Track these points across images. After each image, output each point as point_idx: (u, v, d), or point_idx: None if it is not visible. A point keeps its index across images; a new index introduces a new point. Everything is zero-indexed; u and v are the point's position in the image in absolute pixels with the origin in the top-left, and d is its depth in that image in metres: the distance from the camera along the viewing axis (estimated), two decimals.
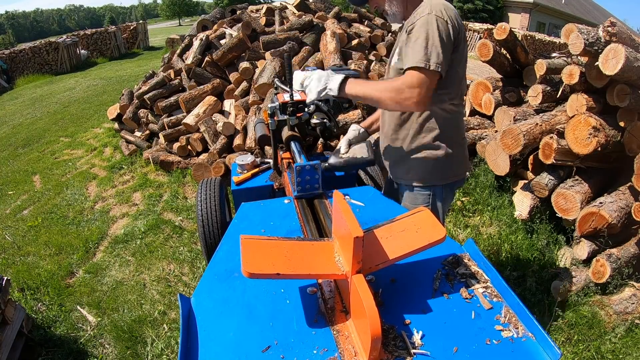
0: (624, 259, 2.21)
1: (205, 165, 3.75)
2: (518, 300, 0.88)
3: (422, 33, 1.26)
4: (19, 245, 3.28)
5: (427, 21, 1.26)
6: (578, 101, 2.59)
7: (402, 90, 1.27)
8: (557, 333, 2.07)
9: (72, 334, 2.29)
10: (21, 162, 5.20)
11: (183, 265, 2.81)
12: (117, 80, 9.89)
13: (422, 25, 1.27)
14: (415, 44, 1.27)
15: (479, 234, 2.91)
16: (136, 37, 17.04)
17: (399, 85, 1.28)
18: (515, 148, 2.65)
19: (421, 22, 1.27)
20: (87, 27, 35.07)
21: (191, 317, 0.91)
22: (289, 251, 0.88)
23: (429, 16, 1.26)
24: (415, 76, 1.26)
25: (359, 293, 0.75)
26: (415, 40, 1.27)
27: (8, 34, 69.19)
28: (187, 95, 4.39)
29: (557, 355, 0.77)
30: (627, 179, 2.37)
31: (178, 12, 50.19)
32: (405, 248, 0.90)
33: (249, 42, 4.47)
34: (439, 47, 1.25)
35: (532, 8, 19.67)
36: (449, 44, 1.29)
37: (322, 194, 1.46)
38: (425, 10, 1.29)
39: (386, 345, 0.80)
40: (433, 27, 1.26)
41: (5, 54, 12.30)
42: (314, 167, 1.45)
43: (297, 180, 1.46)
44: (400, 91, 1.27)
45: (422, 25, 1.27)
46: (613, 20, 2.33)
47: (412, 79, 1.26)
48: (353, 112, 3.51)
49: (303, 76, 1.46)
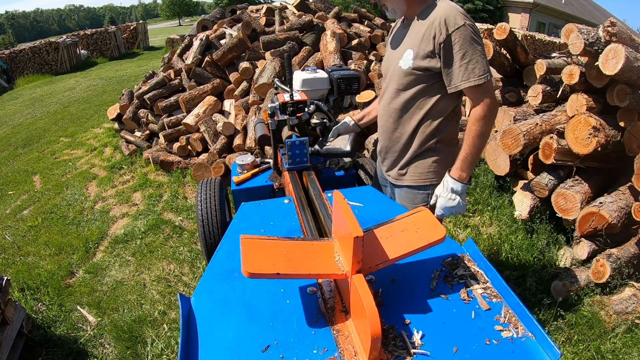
0: (624, 259, 2.21)
1: (205, 165, 3.75)
2: (518, 300, 0.88)
3: (468, 47, 1.29)
4: (19, 245, 3.28)
5: (467, 33, 1.28)
6: (578, 101, 2.59)
7: (486, 116, 1.33)
8: (557, 333, 2.07)
9: (72, 334, 2.29)
10: (21, 162, 5.20)
11: (183, 265, 2.81)
12: (117, 80, 9.90)
13: (464, 39, 1.29)
14: (467, 61, 1.30)
15: (479, 234, 2.91)
16: (136, 37, 17.04)
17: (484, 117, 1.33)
18: (515, 148, 2.65)
19: (462, 37, 1.28)
20: (87, 27, 35.11)
21: (191, 317, 0.91)
22: (289, 251, 0.88)
23: (466, 27, 1.29)
24: (481, 92, 1.32)
25: (359, 293, 0.75)
26: (463, 55, 1.30)
27: (8, 34, 69.25)
28: (187, 95, 4.39)
29: (557, 355, 0.77)
30: (627, 179, 2.37)
31: (178, 12, 50.18)
32: (405, 248, 0.90)
33: (249, 42, 4.47)
34: (484, 56, 1.32)
35: (532, 8, 19.67)
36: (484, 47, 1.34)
37: (310, 167, 1.73)
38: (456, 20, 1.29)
39: (386, 345, 0.80)
40: (475, 37, 1.30)
41: (5, 54, 12.30)
42: (302, 142, 1.68)
43: (288, 154, 1.69)
44: (487, 118, 1.33)
45: (464, 39, 1.29)
46: (613, 20, 2.33)
47: (483, 98, 1.32)
48: (353, 112, 3.51)
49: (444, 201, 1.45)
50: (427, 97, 1.44)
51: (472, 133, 1.35)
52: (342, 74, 2.01)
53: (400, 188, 1.63)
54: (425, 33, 1.34)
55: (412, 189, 1.58)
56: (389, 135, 1.59)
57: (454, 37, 1.28)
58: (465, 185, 1.40)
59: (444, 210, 1.43)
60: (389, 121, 1.57)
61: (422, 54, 1.36)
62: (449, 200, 1.41)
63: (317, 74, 2.08)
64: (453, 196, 1.41)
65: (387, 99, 1.55)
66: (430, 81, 1.41)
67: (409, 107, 1.48)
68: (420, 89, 1.43)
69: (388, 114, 1.57)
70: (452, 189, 1.40)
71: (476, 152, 1.37)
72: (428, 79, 1.40)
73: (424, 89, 1.43)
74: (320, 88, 2.08)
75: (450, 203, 1.41)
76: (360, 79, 2.02)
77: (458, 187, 1.40)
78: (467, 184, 1.41)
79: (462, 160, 1.39)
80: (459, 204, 1.41)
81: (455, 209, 1.42)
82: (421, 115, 1.47)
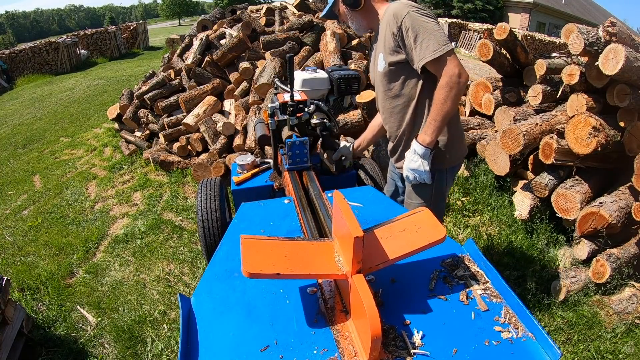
0: (624, 259, 2.21)
1: (205, 165, 3.75)
2: (518, 300, 0.88)
3: (418, 28, 1.39)
4: (19, 245, 3.28)
5: (413, 17, 1.39)
6: (578, 101, 2.59)
7: (447, 84, 1.40)
8: (557, 333, 2.07)
9: (72, 334, 2.28)
10: (21, 162, 5.20)
11: (183, 265, 2.81)
12: (117, 80, 9.89)
13: (412, 23, 1.39)
14: (420, 41, 1.39)
15: (479, 234, 2.91)
16: (136, 37, 17.04)
17: (445, 85, 1.40)
18: (515, 148, 2.65)
19: (410, 22, 1.39)
20: (87, 27, 35.08)
21: (191, 317, 0.91)
22: (289, 251, 0.88)
23: (410, 13, 1.39)
24: (441, 64, 1.40)
25: (359, 293, 0.75)
26: (415, 37, 1.40)
27: (8, 34, 69.19)
28: (187, 95, 4.39)
29: (557, 355, 0.77)
30: (627, 179, 2.37)
31: (178, 12, 50.17)
32: (405, 248, 0.90)
33: (249, 42, 4.47)
34: (436, 32, 1.39)
35: (532, 8, 19.67)
36: (437, 22, 1.43)
37: (310, 167, 1.73)
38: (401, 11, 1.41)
39: (386, 345, 0.80)
40: (421, 18, 1.40)
41: (5, 54, 12.30)
42: (302, 142, 1.69)
43: (288, 154, 1.69)
44: (448, 86, 1.40)
45: (412, 23, 1.39)
46: (613, 20, 2.33)
47: (442, 68, 1.40)
48: (353, 112, 3.51)
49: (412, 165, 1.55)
50: (411, 86, 1.55)
51: (436, 100, 1.45)
52: (342, 74, 2.00)
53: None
54: (385, 34, 1.50)
55: None
56: (395, 133, 1.70)
57: (404, 25, 1.41)
58: (428, 149, 1.49)
59: (407, 171, 1.56)
60: (392, 121, 1.68)
61: (389, 51, 1.50)
62: (411, 161, 1.53)
63: (317, 74, 2.08)
64: (415, 157, 1.52)
65: (382, 103, 1.69)
66: (405, 72, 1.53)
67: (400, 102, 1.61)
68: (400, 81, 1.56)
69: (388, 116, 1.68)
70: (414, 151, 1.51)
71: (440, 118, 1.45)
72: (402, 71, 1.53)
73: (404, 81, 1.55)
74: (320, 88, 2.08)
75: (413, 164, 1.53)
76: (361, 79, 2.02)
77: (420, 150, 1.50)
78: (429, 148, 1.49)
79: (427, 125, 1.49)
80: (420, 166, 1.52)
81: (418, 172, 1.53)
82: (414, 105, 1.57)
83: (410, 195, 1.71)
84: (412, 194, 1.70)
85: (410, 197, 1.71)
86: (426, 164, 1.51)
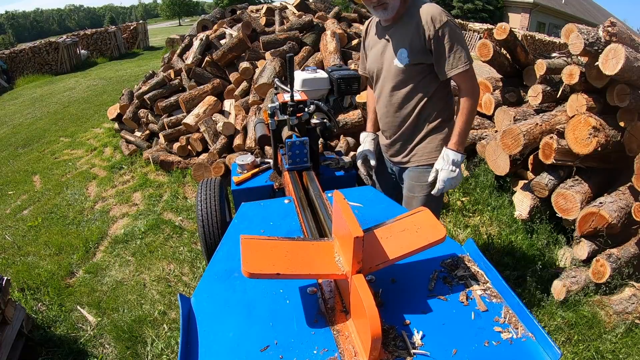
0: (624, 259, 2.21)
1: (205, 165, 3.75)
2: (518, 300, 0.88)
3: (455, 40, 1.48)
4: (19, 245, 3.27)
5: (452, 27, 1.47)
6: (578, 101, 2.59)
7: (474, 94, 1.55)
8: (557, 333, 2.07)
9: (72, 334, 2.28)
10: (21, 162, 5.20)
11: (183, 265, 2.81)
12: (117, 80, 9.89)
13: (450, 33, 1.47)
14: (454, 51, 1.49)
15: (479, 234, 2.91)
16: (136, 37, 17.03)
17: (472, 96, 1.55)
18: (515, 148, 2.65)
19: (448, 31, 1.47)
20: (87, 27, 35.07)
21: (191, 317, 0.91)
22: (289, 251, 0.88)
23: (449, 23, 1.47)
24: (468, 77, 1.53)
25: (359, 293, 0.75)
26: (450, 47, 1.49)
27: (8, 34, 69.19)
28: (187, 95, 4.39)
29: (557, 355, 0.77)
30: (627, 179, 2.37)
31: (178, 12, 50.15)
32: (405, 248, 0.90)
33: (249, 42, 4.47)
34: (466, 44, 1.51)
35: (532, 8, 19.67)
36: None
37: (310, 167, 1.75)
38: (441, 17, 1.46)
39: (386, 345, 0.80)
40: (457, 30, 1.50)
41: (5, 54, 12.29)
42: (302, 142, 1.70)
43: (288, 154, 1.70)
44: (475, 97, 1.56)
45: (450, 33, 1.47)
46: (613, 20, 2.33)
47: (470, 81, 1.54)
48: (353, 112, 3.51)
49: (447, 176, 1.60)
50: (425, 87, 1.61)
51: (464, 110, 1.55)
52: (342, 74, 2.01)
53: (408, 169, 1.77)
54: (414, 32, 1.51)
55: (421, 167, 1.71)
56: (394, 129, 1.72)
57: (441, 32, 1.46)
58: (464, 156, 1.59)
59: (445, 182, 1.57)
60: (394, 116, 1.70)
61: (416, 50, 1.53)
62: (450, 172, 1.57)
63: (317, 74, 2.08)
64: (453, 168, 1.56)
65: (387, 97, 1.69)
66: (425, 72, 1.59)
67: (409, 99, 1.64)
68: (418, 80, 1.60)
69: (391, 111, 1.70)
70: (453, 161, 1.56)
71: (468, 127, 1.57)
72: (423, 71, 1.58)
73: (421, 80, 1.60)
74: (320, 88, 2.08)
75: (452, 174, 1.57)
76: (360, 79, 2.02)
77: (458, 158, 1.57)
78: (464, 154, 1.59)
79: (458, 135, 1.57)
80: (458, 175, 1.58)
81: (455, 180, 1.58)
82: (422, 104, 1.62)
83: (413, 189, 1.74)
84: (414, 188, 1.73)
85: (413, 191, 1.74)
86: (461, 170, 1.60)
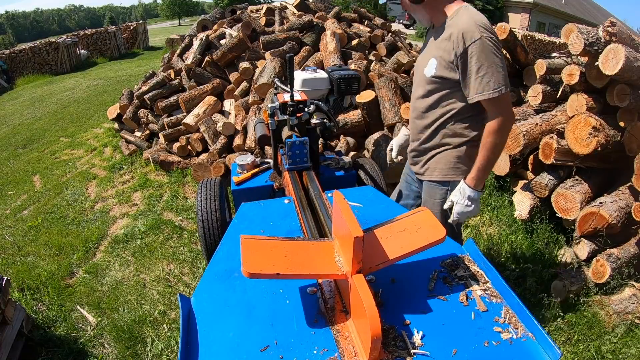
0: (624, 259, 2.21)
1: (205, 165, 3.75)
2: (518, 301, 0.88)
3: (484, 60, 1.32)
4: (19, 245, 3.27)
5: (484, 46, 1.31)
6: (578, 101, 2.59)
7: (500, 129, 1.38)
8: (557, 333, 2.07)
9: (72, 334, 2.28)
10: (21, 162, 5.20)
11: (183, 265, 2.81)
12: (117, 80, 9.89)
13: (480, 52, 1.31)
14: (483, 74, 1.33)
15: (479, 234, 2.91)
16: (136, 37, 17.02)
17: (498, 130, 1.38)
18: (515, 148, 2.65)
19: (479, 50, 1.31)
20: (87, 27, 35.06)
21: (191, 317, 0.91)
22: (289, 251, 0.88)
23: (482, 41, 1.31)
24: (497, 105, 1.36)
25: (359, 293, 0.75)
26: (479, 68, 1.33)
27: (8, 34, 69.14)
28: (187, 95, 4.39)
29: (557, 355, 0.77)
30: (627, 179, 2.37)
31: (178, 12, 50.10)
32: (405, 248, 0.90)
33: (249, 42, 4.47)
34: (501, 68, 1.33)
35: (532, 8, 19.65)
36: (503, 59, 1.35)
37: (310, 167, 1.74)
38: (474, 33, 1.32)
39: (386, 345, 0.80)
40: (492, 50, 1.32)
41: (5, 54, 12.28)
42: (302, 142, 1.70)
43: (288, 154, 1.70)
44: (500, 132, 1.38)
45: (480, 51, 1.31)
46: (613, 20, 2.33)
47: (497, 110, 1.37)
48: (353, 112, 3.51)
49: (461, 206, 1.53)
50: (448, 102, 1.51)
51: (486, 145, 1.41)
52: (342, 74, 2.01)
53: (424, 182, 1.72)
54: (446, 45, 1.40)
55: (433, 183, 1.66)
56: (415, 135, 1.68)
57: (471, 50, 1.33)
58: (480, 193, 1.50)
59: (459, 215, 1.52)
60: (416, 120, 1.66)
61: (443, 64, 1.43)
62: (465, 206, 1.50)
63: (317, 74, 2.08)
64: (469, 203, 1.49)
65: (414, 101, 1.65)
66: (451, 88, 1.47)
67: (431, 109, 1.56)
68: (441, 94, 1.50)
69: (415, 114, 1.66)
70: (469, 197, 1.49)
71: (490, 163, 1.45)
72: (448, 86, 1.48)
73: (445, 95, 1.50)
74: (320, 88, 2.08)
75: (467, 209, 1.50)
76: (360, 79, 2.02)
77: (474, 195, 1.49)
78: (481, 191, 1.51)
79: (478, 170, 1.46)
80: (474, 209, 1.51)
81: (471, 213, 1.51)
82: (445, 118, 1.54)
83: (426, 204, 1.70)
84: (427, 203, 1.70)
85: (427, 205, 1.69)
86: (479, 203, 1.52)
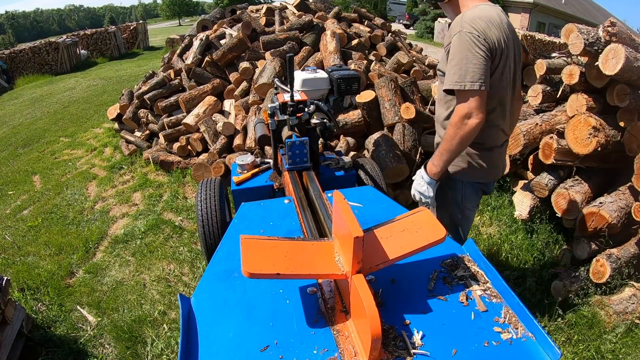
0: (624, 259, 2.21)
1: (205, 165, 3.75)
2: (518, 301, 0.88)
3: (457, 52, 1.32)
4: (19, 245, 3.27)
5: (461, 39, 1.31)
6: (578, 101, 2.59)
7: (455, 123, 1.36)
8: (557, 333, 2.07)
9: (72, 334, 2.28)
10: (21, 162, 5.20)
11: (183, 265, 2.81)
12: (117, 80, 9.89)
13: (456, 44, 1.33)
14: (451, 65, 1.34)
15: (479, 234, 2.91)
16: (136, 37, 17.01)
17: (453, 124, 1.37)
18: (515, 148, 2.65)
19: (454, 42, 1.33)
20: (87, 27, 35.01)
21: (191, 317, 0.91)
22: (289, 251, 0.88)
23: (460, 35, 1.32)
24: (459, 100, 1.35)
25: (359, 293, 0.75)
26: (452, 59, 1.34)
27: (8, 34, 69.07)
28: (187, 95, 4.39)
29: (557, 355, 0.77)
30: (627, 179, 2.37)
31: (178, 12, 50.09)
32: (405, 248, 0.90)
33: (249, 42, 4.47)
34: (472, 65, 1.29)
35: (532, 8, 19.65)
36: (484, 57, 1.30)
37: (310, 167, 1.75)
38: (457, 27, 1.34)
39: (386, 345, 0.80)
40: (467, 43, 1.30)
41: (5, 54, 12.28)
42: (302, 142, 1.71)
43: (288, 154, 1.71)
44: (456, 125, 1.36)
45: (456, 43, 1.33)
46: (613, 20, 2.33)
47: (459, 106, 1.35)
48: (353, 112, 3.51)
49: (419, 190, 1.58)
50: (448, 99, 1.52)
51: (445, 135, 1.43)
52: (342, 74, 2.01)
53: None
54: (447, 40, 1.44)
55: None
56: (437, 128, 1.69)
57: (452, 42, 1.36)
58: (432, 180, 1.52)
59: (414, 191, 1.59)
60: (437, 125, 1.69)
61: (444, 59, 1.46)
62: (419, 184, 1.57)
63: (317, 74, 2.08)
64: (422, 182, 1.55)
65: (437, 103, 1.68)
66: None
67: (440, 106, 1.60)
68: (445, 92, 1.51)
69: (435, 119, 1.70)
70: (421, 176, 1.56)
71: (446, 153, 1.43)
72: None
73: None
74: (320, 88, 2.08)
75: (420, 187, 1.56)
76: (360, 79, 2.02)
77: (426, 178, 1.53)
78: (433, 179, 1.51)
79: (434, 156, 1.49)
80: (425, 191, 1.55)
81: (424, 195, 1.56)
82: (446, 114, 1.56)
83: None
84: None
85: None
86: (431, 190, 1.54)
